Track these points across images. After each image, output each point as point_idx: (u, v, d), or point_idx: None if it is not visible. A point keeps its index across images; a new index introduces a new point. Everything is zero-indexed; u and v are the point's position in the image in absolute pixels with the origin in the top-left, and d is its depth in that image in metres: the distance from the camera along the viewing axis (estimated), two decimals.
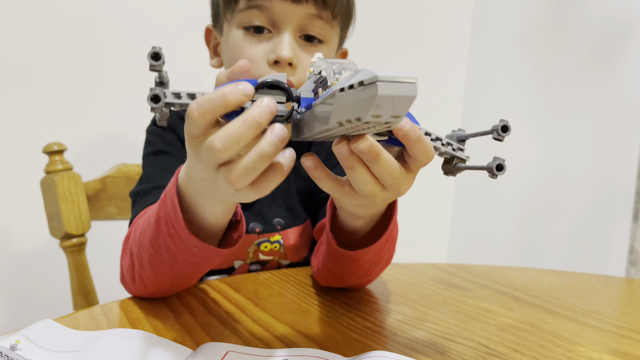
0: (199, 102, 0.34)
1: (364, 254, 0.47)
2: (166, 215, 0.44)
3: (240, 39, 0.62)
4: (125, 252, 0.53)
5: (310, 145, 0.76)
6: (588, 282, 0.69)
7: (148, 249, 0.47)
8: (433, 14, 1.55)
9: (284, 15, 0.60)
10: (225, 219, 0.45)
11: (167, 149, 0.67)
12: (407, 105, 0.24)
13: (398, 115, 0.25)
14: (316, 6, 0.60)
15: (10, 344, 0.38)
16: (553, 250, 1.33)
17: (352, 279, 0.54)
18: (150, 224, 0.47)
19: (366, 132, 0.31)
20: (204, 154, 0.35)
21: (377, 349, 0.42)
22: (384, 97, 0.23)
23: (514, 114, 1.43)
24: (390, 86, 0.23)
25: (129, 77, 1.10)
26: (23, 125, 1.01)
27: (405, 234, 0.82)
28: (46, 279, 1.05)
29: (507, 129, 0.36)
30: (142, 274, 0.50)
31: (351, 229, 0.48)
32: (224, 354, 0.39)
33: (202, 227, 0.45)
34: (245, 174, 0.34)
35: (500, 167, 0.37)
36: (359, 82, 0.24)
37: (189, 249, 0.45)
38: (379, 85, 0.23)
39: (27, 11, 0.99)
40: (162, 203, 0.45)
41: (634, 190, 1.15)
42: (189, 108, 0.34)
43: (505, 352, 0.44)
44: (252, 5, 0.60)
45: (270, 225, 0.70)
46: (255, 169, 0.33)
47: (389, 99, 0.24)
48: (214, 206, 0.43)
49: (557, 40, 1.33)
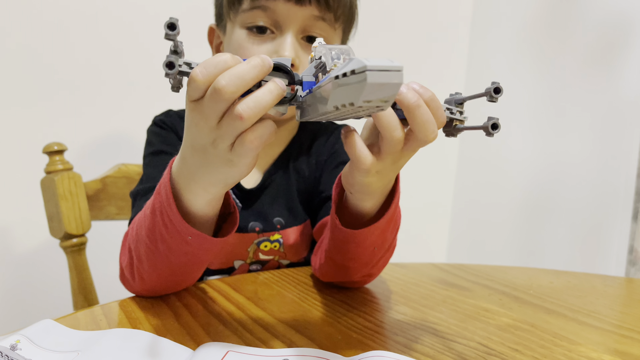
0: (203, 65, 0.35)
1: (369, 233, 0.47)
2: (160, 205, 0.45)
3: (244, 39, 0.63)
4: (124, 249, 0.54)
5: (311, 146, 0.76)
6: (588, 282, 0.69)
7: (145, 241, 0.48)
8: (433, 13, 1.55)
9: (287, 17, 0.61)
10: (215, 207, 0.46)
11: (167, 149, 0.68)
12: (394, 91, 0.26)
13: (386, 100, 0.27)
14: (319, 8, 0.61)
15: (10, 343, 0.38)
16: (553, 250, 1.33)
17: (355, 267, 0.54)
18: (146, 216, 0.48)
19: (361, 114, 0.33)
20: (206, 104, 0.36)
21: (377, 349, 0.42)
22: (372, 84, 0.25)
23: (514, 114, 1.43)
24: (378, 75, 0.25)
25: (129, 77, 1.10)
26: (23, 125, 1.01)
27: (405, 233, 0.82)
28: (46, 279, 1.05)
29: (500, 91, 0.39)
30: (140, 268, 0.50)
31: (357, 211, 0.48)
32: (224, 354, 0.39)
33: (194, 216, 0.46)
34: (255, 104, 0.35)
35: (495, 126, 0.39)
36: (351, 71, 0.26)
37: (183, 238, 0.45)
38: (368, 74, 0.25)
39: (27, 11, 0.99)
40: (157, 194, 0.46)
41: (633, 189, 1.15)
42: (192, 71, 0.36)
43: (505, 351, 0.44)
44: (256, 5, 0.61)
45: (270, 224, 0.70)
46: (264, 102, 0.35)
47: (377, 86, 0.26)
48: (204, 191, 0.43)
49: (557, 40, 1.33)
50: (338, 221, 0.48)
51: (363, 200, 0.46)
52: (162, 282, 0.52)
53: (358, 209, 0.48)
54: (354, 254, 0.51)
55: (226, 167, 0.40)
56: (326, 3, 0.61)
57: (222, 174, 0.41)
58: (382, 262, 0.56)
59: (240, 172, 0.41)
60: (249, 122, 0.36)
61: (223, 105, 0.36)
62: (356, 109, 0.29)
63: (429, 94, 0.37)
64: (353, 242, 0.49)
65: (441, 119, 0.39)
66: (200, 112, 0.37)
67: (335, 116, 0.35)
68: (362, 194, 0.45)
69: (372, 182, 0.43)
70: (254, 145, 0.37)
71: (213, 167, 0.40)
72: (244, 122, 0.35)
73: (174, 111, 0.73)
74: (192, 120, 0.39)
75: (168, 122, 0.71)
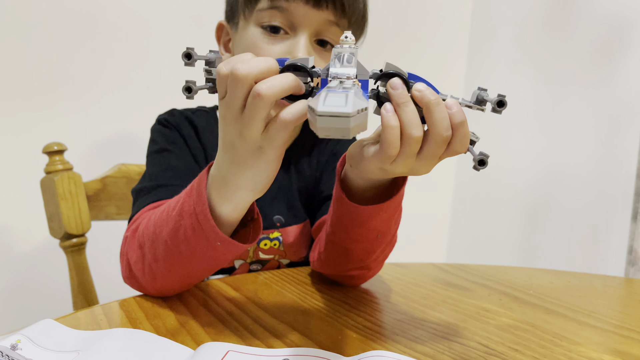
0: (226, 61, 0.39)
1: (374, 213, 0.47)
2: (190, 208, 0.46)
3: (257, 37, 0.63)
4: (132, 245, 0.53)
5: (313, 146, 0.76)
6: (588, 282, 0.69)
7: (165, 242, 0.48)
8: (433, 13, 1.55)
9: (303, 19, 0.61)
10: (241, 214, 0.47)
11: (171, 148, 0.68)
12: (344, 133, 0.29)
13: (344, 135, 0.29)
14: (335, 13, 0.62)
15: (11, 343, 0.38)
16: (553, 250, 1.33)
17: (355, 252, 0.53)
18: (170, 217, 0.48)
19: None
20: (229, 93, 0.39)
21: (377, 349, 0.42)
22: (322, 128, 0.29)
23: (514, 114, 1.43)
24: (327, 120, 0.28)
25: (129, 77, 1.10)
26: (23, 126, 1.01)
27: (405, 233, 0.82)
28: (46, 279, 1.05)
29: (503, 105, 0.40)
30: (155, 267, 0.50)
31: (355, 187, 0.48)
32: (224, 354, 0.39)
33: (222, 222, 0.47)
34: (272, 82, 0.37)
35: (482, 162, 0.40)
36: (310, 108, 0.30)
37: (211, 243, 0.46)
38: (318, 119, 0.28)
39: (27, 11, 0.99)
40: (187, 196, 0.47)
41: (633, 190, 1.15)
42: (217, 69, 0.39)
43: (505, 351, 0.44)
44: (273, 5, 0.61)
45: (270, 222, 0.70)
46: (279, 82, 0.37)
47: (326, 128, 0.29)
48: (233, 195, 0.44)
49: (557, 39, 1.33)
50: (344, 195, 0.48)
51: (360, 178, 0.47)
52: (176, 282, 0.52)
53: (354, 185, 0.48)
54: (357, 236, 0.51)
55: (255, 160, 0.41)
56: (342, 9, 0.62)
57: (251, 171, 0.42)
58: (381, 257, 0.56)
59: (268, 167, 0.42)
60: (267, 101, 0.37)
61: (241, 90, 0.38)
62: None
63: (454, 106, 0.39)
64: (357, 220, 0.49)
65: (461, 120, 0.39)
66: (225, 105, 0.40)
67: None
68: (362, 173, 0.46)
69: (376, 172, 0.43)
70: (286, 122, 0.38)
71: (242, 163, 0.42)
72: (262, 99, 0.37)
73: (178, 110, 0.74)
74: (220, 115, 0.41)
75: (172, 121, 0.71)
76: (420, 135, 0.38)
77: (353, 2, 0.63)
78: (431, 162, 0.41)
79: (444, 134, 0.38)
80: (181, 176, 0.63)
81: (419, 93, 0.38)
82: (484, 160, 0.40)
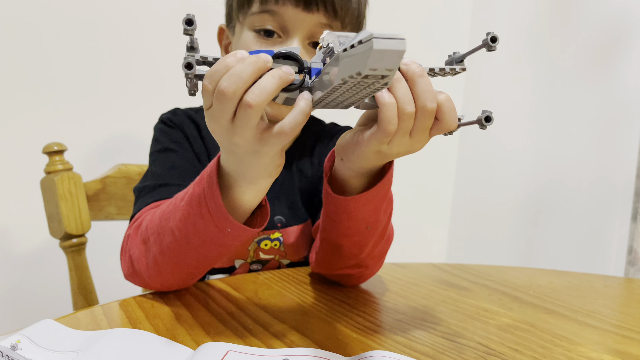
0: (209, 75, 0.37)
1: (361, 203, 0.48)
2: (201, 196, 0.46)
3: (251, 41, 0.64)
4: (134, 243, 0.54)
5: (314, 147, 0.76)
6: (587, 282, 0.69)
7: (172, 233, 0.49)
8: (433, 13, 1.55)
9: (294, 22, 0.61)
10: (260, 198, 0.48)
11: (174, 147, 0.68)
12: (398, 59, 0.28)
13: (391, 69, 0.29)
14: (327, 16, 0.62)
15: (11, 343, 0.38)
16: (552, 250, 1.33)
17: (348, 247, 0.54)
18: (177, 208, 0.49)
19: (367, 91, 0.34)
20: (215, 107, 0.38)
21: (377, 349, 0.42)
22: (378, 51, 0.27)
23: (514, 114, 1.43)
24: (383, 42, 0.27)
25: (129, 78, 1.10)
26: (23, 125, 1.01)
27: (405, 233, 0.82)
28: (46, 279, 1.05)
29: (496, 40, 0.42)
30: (160, 261, 0.51)
31: (344, 181, 0.49)
32: (224, 354, 0.39)
33: (237, 209, 0.47)
34: (260, 90, 0.36)
35: (489, 119, 0.40)
36: (358, 41, 0.28)
37: (220, 230, 0.47)
38: (374, 41, 0.27)
39: (27, 11, 0.99)
40: (197, 185, 0.47)
41: (633, 190, 1.15)
42: (202, 83, 0.38)
43: (505, 351, 0.44)
44: (265, 9, 0.62)
45: (271, 222, 0.70)
46: (268, 87, 0.36)
47: (382, 52, 0.27)
48: (252, 184, 0.45)
49: (557, 39, 1.33)
50: (330, 189, 0.49)
51: (351, 170, 0.47)
52: (179, 276, 0.52)
53: (344, 178, 0.48)
54: (347, 229, 0.52)
55: (258, 160, 0.41)
56: (334, 11, 0.62)
57: (257, 166, 0.43)
58: (377, 253, 0.56)
59: (273, 160, 0.42)
60: (258, 109, 0.37)
61: (230, 105, 0.37)
62: (362, 83, 0.31)
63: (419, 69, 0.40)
64: (345, 212, 0.49)
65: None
66: (211, 117, 0.39)
67: (343, 96, 0.36)
68: (355, 170, 0.46)
69: (371, 158, 0.43)
70: (285, 133, 0.38)
71: (246, 164, 0.42)
72: (253, 109, 0.36)
73: (181, 109, 0.74)
74: (209, 127, 0.41)
75: (175, 120, 0.71)
76: (413, 111, 0.39)
77: (345, 3, 0.63)
78: (423, 136, 0.41)
79: (428, 105, 0.39)
80: (184, 175, 0.63)
81: (405, 66, 0.39)
82: (489, 117, 0.40)
